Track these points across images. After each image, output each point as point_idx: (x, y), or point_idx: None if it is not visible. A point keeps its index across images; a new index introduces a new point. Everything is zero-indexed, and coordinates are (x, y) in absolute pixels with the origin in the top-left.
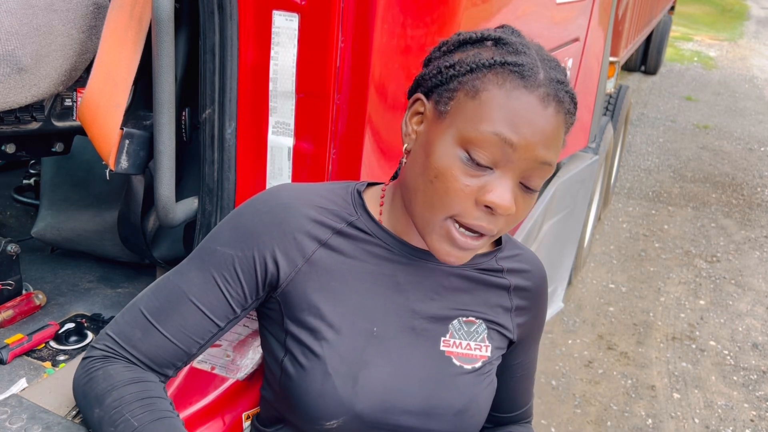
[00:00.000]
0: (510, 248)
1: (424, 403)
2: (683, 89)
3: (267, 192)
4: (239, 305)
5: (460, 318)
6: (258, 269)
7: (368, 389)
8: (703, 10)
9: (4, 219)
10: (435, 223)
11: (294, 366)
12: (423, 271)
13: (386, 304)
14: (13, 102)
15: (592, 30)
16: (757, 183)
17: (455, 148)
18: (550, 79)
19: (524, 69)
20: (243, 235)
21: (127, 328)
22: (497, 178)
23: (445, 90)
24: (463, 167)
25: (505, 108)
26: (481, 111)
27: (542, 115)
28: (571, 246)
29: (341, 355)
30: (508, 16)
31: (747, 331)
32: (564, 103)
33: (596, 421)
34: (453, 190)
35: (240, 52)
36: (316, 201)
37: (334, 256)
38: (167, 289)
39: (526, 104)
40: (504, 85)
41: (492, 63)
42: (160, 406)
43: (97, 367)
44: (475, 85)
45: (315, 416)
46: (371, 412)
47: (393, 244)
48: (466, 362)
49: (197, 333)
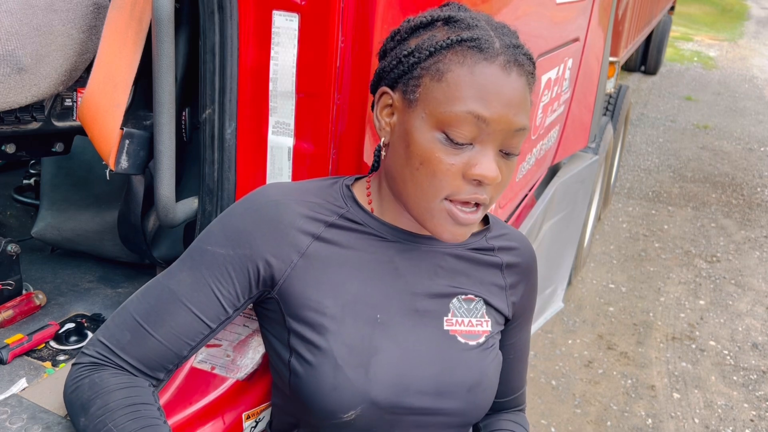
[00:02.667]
0: (498, 228)
1: (436, 382)
2: (683, 89)
3: (256, 191)
4: (231, 305)
5: (459, 296)
6: (250, 268)
7: (381, 375)
8: (703, 10)
9: (4, 219)
10: (433, 208)
11: (302, 364)
12: (418, 254)
13: (387, 290)
14: (13, 102)
15: (592, 30)
16: (757, 183)
17: (432, 131)
18: (506, 45)
19: (481, 42)
20: (234, 235)
21: (117, 332)
22: (479, 151)
23: (409, 78)
24: (444, 148)
25: (471, 85)
26: (449, 92)
27: (507, 82)
28: (571, 246)
29: (349, 346)
30: (508, 16)
31: (747, 331)
32: (524, 65)
33: (596, 421)
34: (440, 171)
35: (240, 52)
36: (306, 197)
37: (330, 248)
38: (157, 292)
39: (490, 76)
40: (465, 62)
41: (450, 43)
42: (145, 412)
43: (84, 375)
44: (438, 68)
45: (331, 410)
46: (386, 397)
47: (386, 231)
48: (471, 338)
49: (188, 335)
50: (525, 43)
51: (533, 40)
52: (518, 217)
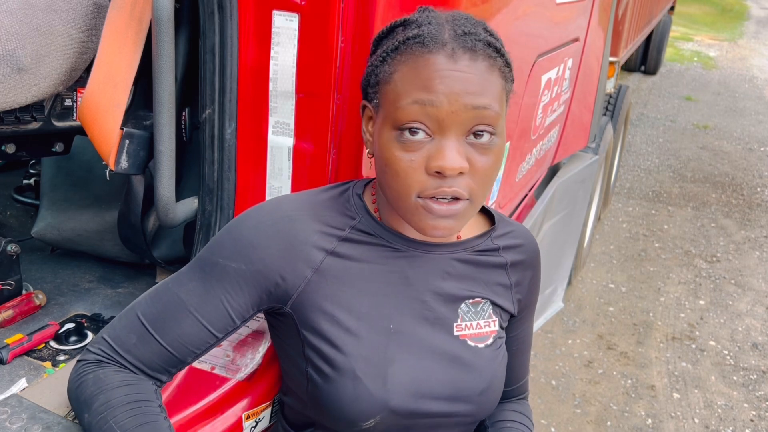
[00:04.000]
0: (503, 227)
1: (450, 387)
2: (683, 89)
3: (269, 203)
4: (240, 317)
5: (467, 301)
6: (264, 284)
7: (398, 384)
8: (703, 10)
9: (4, 219)
10: (409, 207)
11: (320, 376)
12: (427, 261)
13: (398, 300)
14: (13, 102)
15: (592, 30)
16: (757, 183)
17: (390, 132)
18: (456, 34)
19: (424, 38)
20: (246, 249)
21: (123, 333)
22: (437, 142)
23: (371, 88)
24: (401, 146)
25: (414, 78)
26: (396, 90)
27: (454, 68)
28: (571, 246)
29: (365, 357)
30: (508, 16)
31: (747, 331)
32: (477, 50)
33: (596, 421)
34: (402, 170)
35: (240, 52)
36: (319, 211)
37: (343, 263)
38: (166, 298)
39: (433, 65)
40: (409, 59)
41: (396, 45)
42: (146, 409)
43: (88, 371)
44: (388, 71)
45: (351, 420)
46: (404, 405)
47: (396, 241)
48: (480, 341)
49: (194, 343)
50: (525, 42)
51: (533, 40)
52: (518, 217)
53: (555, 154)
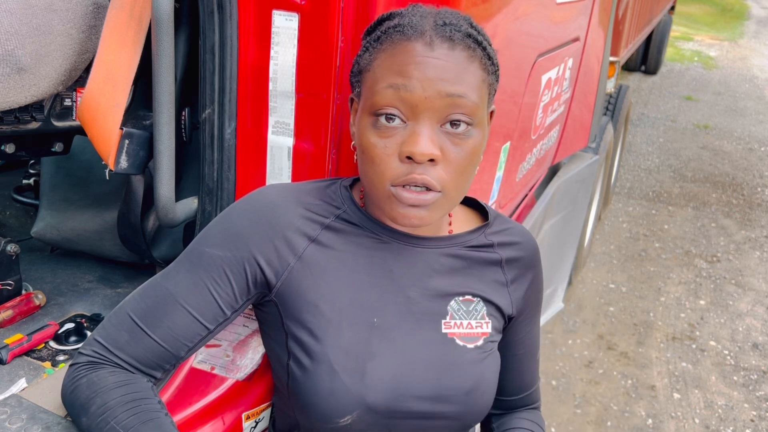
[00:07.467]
0: (499, 224)
1: (433, 386)
2: (683, 89)
3: (254, 193)
4: (229, 307)
5: (456, 298)
6: (248, 270)
7: (377, 380)
8: (703, 10)
9: (4, 219)
10: (382, 195)
11: (299, 368)
12: (413, 255)
13: (383, 294)
14: (12, 102)
15: (593, 30)
16: (757, 183)
17: (367, 119)
18: (436, 25)
19: (404, 27)
20: (232, 237)
21: (114, 332)
22: (410, 128)
23: (354, 77)
24: (376, 131)
25: (391, 65)
26: (374, 77)
27: (430, 56)
28: (571, 246)
29: (345, 350)
30: (508, 16)
31: (747, 331)
32: (456, 40)
33: (596, 421)
34: (377, 156)
35: (240, 52)
36: (304, 198)
37: (325, 252)
38: (155, 292)
39: (411, 51)
40: (388, 48)
41: (378, 36)
42: (146, 407)
43: (82, 375)
44: (368, 60)
45: (327, 415)
46: (383, 403)
47: (380, 231)
48: (469, 341)
49: (186, 336)
50: (526, 42)
51: (533, 40)
52: (518, 217)
53: (555, 154)
